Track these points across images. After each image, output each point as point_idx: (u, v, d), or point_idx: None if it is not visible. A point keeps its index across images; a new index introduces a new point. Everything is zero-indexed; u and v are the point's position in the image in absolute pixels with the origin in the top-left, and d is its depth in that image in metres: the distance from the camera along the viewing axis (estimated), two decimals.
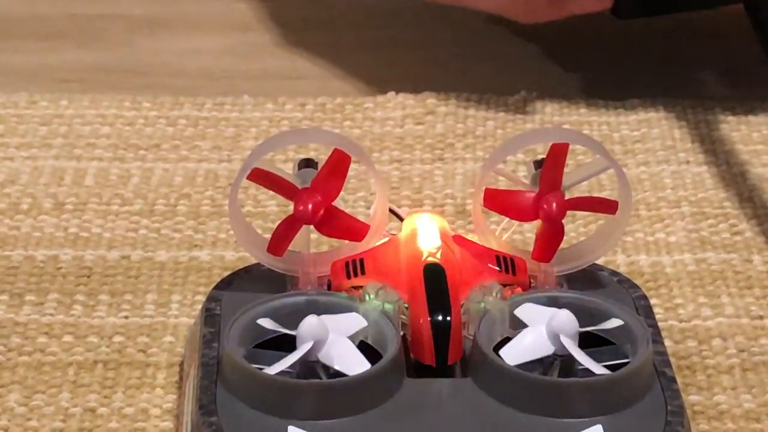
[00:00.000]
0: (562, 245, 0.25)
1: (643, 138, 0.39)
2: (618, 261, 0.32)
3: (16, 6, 0.50)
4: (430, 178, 0.37)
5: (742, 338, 0.29)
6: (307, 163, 0.27)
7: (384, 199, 0.26)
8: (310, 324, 0.22)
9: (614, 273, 0.27)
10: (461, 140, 0.39)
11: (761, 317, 0.30)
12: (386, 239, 0.26)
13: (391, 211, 0.27)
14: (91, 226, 0.34)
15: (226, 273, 0.29)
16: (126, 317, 0.29)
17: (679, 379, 0.23)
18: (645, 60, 0.46)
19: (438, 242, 0.25)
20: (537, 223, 0.25)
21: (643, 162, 0.38)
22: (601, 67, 0.45)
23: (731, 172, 0.37)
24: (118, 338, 0.29)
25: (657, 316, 0.27)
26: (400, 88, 0.42)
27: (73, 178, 0.36)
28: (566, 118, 0.40)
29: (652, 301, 0.28)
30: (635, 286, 0.27)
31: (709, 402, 0.26)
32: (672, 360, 0.24)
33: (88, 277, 0.31)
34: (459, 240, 0.26)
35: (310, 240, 0.26)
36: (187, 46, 0.48)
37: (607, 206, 0.25)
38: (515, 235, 0.27)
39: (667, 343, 0.25)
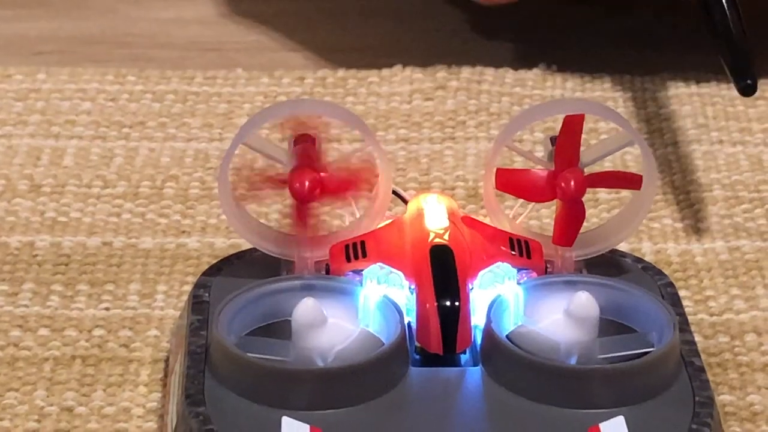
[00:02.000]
0: (582, 229, 0.26)
1: (672, 116, 0.40)
2: (644, 249, 0.32)
3: None
4: (439, 159, 0.38)
5: None
6: (304, 139, 0.27)
7: (387, 178, 0.26)
8: (306, 308, 0.23)
9: (638, 260, 0.28)
10: (474, 117, 0.40)
11: None
12: (389, 221, 0.27)
13: (395, 192, 0.28)
14: (70, 210, 0.34)
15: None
16: (107, 309, 0.30)
17: (709, 378, 0.24)
18: (675, 31, 0.46)
19: (446, 223, 0.26)
20: (554, 206, 0.26)
21: (671, 142, 0.38)
22: (626, 39, 0.46)
23: None
24: (98, 332, 0.29)
25: (686, 309, 0.27)
26: (407, 61, 0.43)
27: (50, 158, 0.37)
28: (588, 93, 0.41)
29: (681, 293, 0.28)
30: (661, 273, 0.27)
31: (742, 402, 0.26)
32: (702, 357, 0.25)
33: (66, 265, 0.32)
34: (469, 221, 0.27)
35: (307, 222, 0.26)
36: (174, 15, 0.49)
37: (630, 181, 0.26)
38: (531, 220, 0.27)
39: (696, 338, 0.26)
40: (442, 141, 0.38)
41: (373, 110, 0.40)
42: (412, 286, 0.24)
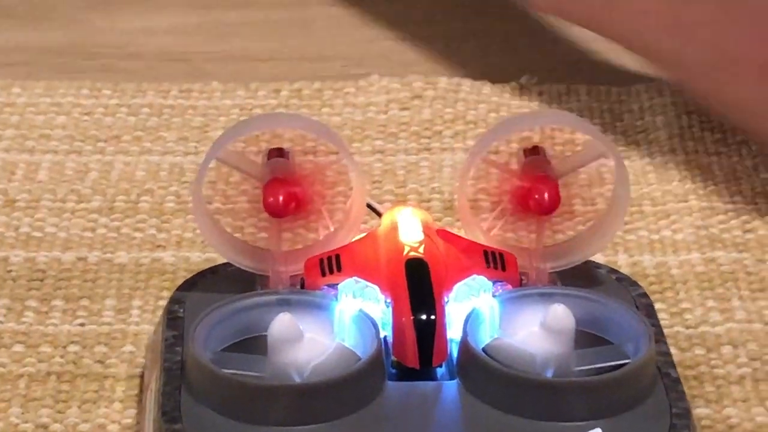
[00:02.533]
0: (556, 240, 0.26)
1: (648, 127, 0.40)
2: (620, 261, 0.33)
3: None
4: (415, 171, 0.38)
5: (755, 345, 0.29)
6: (279, 153, 0.27)
7: (361, 191, 0.27)
8: (281, 323, 0.23)
9: (613, 270, 0.28)
10: (450, 127, 0.40)
11: None
12: (364, 234, 0.27)
13: (369, 205, 0.28)
14: (45, 225, 0.35)
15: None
16: (82, 324, 0.30)
17: (685, 390, 0.24)
18: None
19: (420, 236, 0.26)
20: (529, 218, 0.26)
21: (647, 153, 0.39)
22: (603, 52, 0.46)
23: (744, 164, 0.38)
24: (73, 348, 0.29)
25: (662, 322, 0.27)
26: (383, 71, 0.43)
27: (24, 173, 0.37)
28: (565, 105, 0.42)
29: (657, 306, 0.29)
30: (636, 285, 0.28)
31: (718, 415, 0.27)
32: (678, 369, 0.25)
33: (41, 280, 0.32)
34: (444, 234, 0.27)
35: (281, 237, 0.26)
36: (142, 25, 0.49)
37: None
38: (506, 233, 0.28)
39: (672, 350, 0.26)
40: (418, 152, 0.39)
41: (349, 121, 0.41)
42: (388, 300, 0.24)
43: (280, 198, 0.25)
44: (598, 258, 0.29)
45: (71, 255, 0.33)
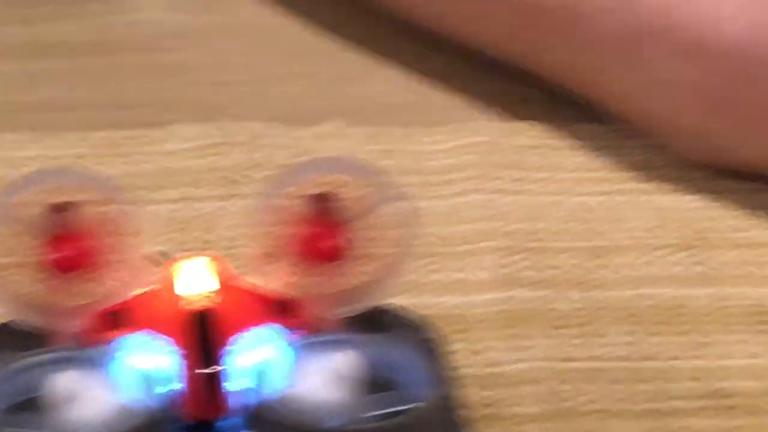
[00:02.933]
0: (346, 285, 0.27)
1: (452, 167, 0.42)
2: (421, 302, 0.34)
3: None
4: (223, 217, 0.38)
5: (553, 383, 0.31)
6: (61, 207, 0.27)
7: (138, 242, 0.27)
8: (60, 381, 0.23)
9: (406, 313, 0.29)
10: (259, 171, 0.41)
11: (572, 359, 0.32)
12: (154, 286, 0.27)
13: (163, 254, 0.28)
14: None
15: None
16: None
17: (485, 430, 0.25)
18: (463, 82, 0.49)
19: (212, 286, 0.26)
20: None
21: (449, 193, 0.40)
22: (416, 91, 0.48)
23: (547, 201, 0.40)
24: None
25: (464, 362, 0.29)
26: (191, 117, 0.44)
27: None
28: (373, 146, 0.43)
29: (457, 346, 0.30)
30: (425, 327, 0.29)
31: None
32: (479, 408, 0.26)
33: None
34: (235, 283, 0.27)
35: (68, 292, 0.26)
36: None
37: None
38: (299, 279, 0.28)
39: (472, 390, 0.27)
40: (227, 198, 0.39)
41: (157, 168, 0.41)
42: (175, 353, 0.24)
43: (63, 253, 0.25)
44: (402, 300, 0.30)
45: None
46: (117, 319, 0.26)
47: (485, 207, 0.39)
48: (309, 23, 0.51)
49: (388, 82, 0.48)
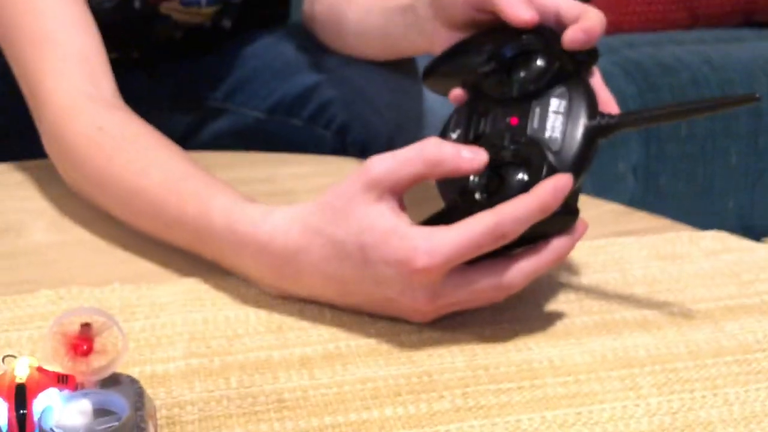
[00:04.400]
0: (95, 367, 0.46)
1: None
2: (135, 372, 0.55)
3: None
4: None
5: None
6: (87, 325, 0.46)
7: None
8: None
9: (125, 378, 0.47)
10: None
11: None
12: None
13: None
14: None
15: None
16: None
17: None
18: None
19: (26, 372, 0.44)
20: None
21: None
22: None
23: None
24: None
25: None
26: None
27: None
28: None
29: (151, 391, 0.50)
30: (137, 382, 0.46)
31: None
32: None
33: None
34: (41, 369, 0.45)
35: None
36: None
37: None
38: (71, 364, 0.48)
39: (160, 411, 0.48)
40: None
41: None
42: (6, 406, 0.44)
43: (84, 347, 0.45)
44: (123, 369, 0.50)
45: None
46: None
47: None
48: None
49: None
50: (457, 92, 0.65)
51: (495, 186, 0.56)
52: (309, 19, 1.02)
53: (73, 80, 0.72)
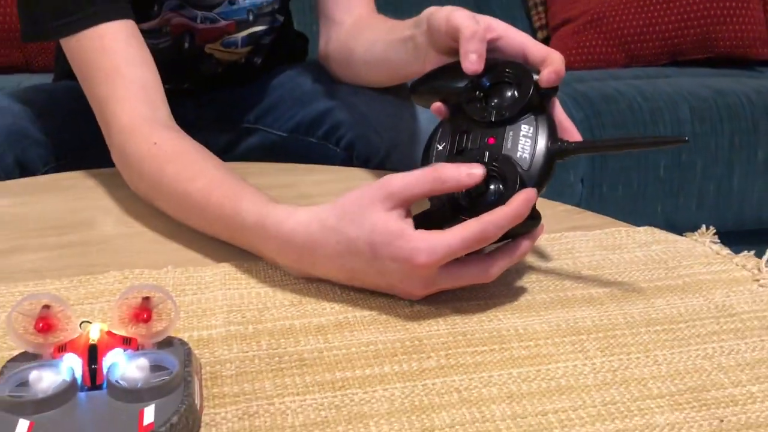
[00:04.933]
0: (153, 331, 0.47)
1: None
2: (186, 335, 0.55)
3: None
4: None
5: None
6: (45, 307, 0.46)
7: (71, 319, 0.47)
8: (35, 376, 0.43)
9: (178, 340, 0.47)
10: None
11: None
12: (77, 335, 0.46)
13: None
14: None
15: None
16: None
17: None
18: None
19: (97, 335, 0.45)
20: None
21: None
22: None
23: None
24: None
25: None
26: None
27: None
28: None
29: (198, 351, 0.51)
30: (186, 344, 0.47)
31: None
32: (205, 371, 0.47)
33: None
34: (110, 333, 0.46)
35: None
36: None
37: None
38: (134, 328, 0.48)
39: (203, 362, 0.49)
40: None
41: None
42: (80, 361, 0.44)
43: (41, 325, 0.45)
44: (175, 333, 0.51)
45: None
46: (62, 347, 0.44)
47: None
48: None
49: None
50: (437, 105, 0.65)
51: (476, 193, 0.57)
52: (323, 56, 1.03)
53: (135, 105, 0.73)
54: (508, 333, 0.56)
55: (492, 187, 0.57)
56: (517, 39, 0.64)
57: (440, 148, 0.62)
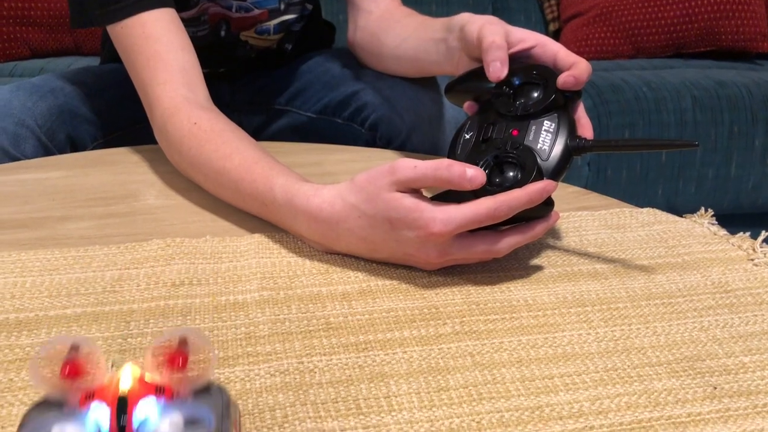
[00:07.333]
0: (189, 378, 0.36)
1: None
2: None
3: None
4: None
5: None
6: (72, 350, 0.35)
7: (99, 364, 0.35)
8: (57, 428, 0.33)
9: (221, 389, 0.38)
10: None
11: None
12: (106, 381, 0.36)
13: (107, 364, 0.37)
14: None
15: None
16: None
17: None
18: None
19: (129, 384, 0.36)
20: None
21: None
22: None
23: None
24: None
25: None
26: None
27: None
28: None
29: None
30: (224, 392, 0.37)
31: None
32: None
33: None
34: (141, 380, 0.36)
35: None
36: None
37: None
38: (168, 375, 0.37)
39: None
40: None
41: None
42: (108, 414, 0.34)
43: (69, 369, 0.35)
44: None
45: None
46: (90, 395, 0.35)
47: None
48: None
49: None
50: (468, 104, 0.67)
51: (496, 177, 0.57)
52: (351, 43, 1.03)
53: (175, 88, 0.73)
54: (518, 303, 0.56)
55: (511, 174, 0.58)
56: (550, 47, 0.65)
57: (467, 137, 0.63)
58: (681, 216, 0.73)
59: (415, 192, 0.56)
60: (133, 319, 0.52)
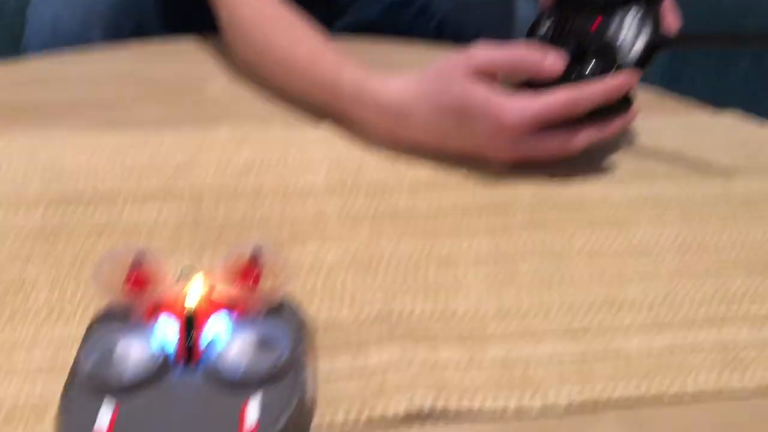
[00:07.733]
0: (261, 296, 0.35)
1: None
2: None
3: None
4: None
5: None
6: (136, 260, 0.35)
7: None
8: (122, 344, 0.33)
9: (294, 309, 0.36)
10: None
11: None
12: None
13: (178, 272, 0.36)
14: None
15: None
16: None
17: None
18: None
19: (197, 297, 0.34)
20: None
21: None
22: None
23: None
24: None
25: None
26: None
27: None
28: None
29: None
30: (298, 313, 0.36)
31: None
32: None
33: None
34: (211, 289, 0.35)
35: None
36: None
37: None
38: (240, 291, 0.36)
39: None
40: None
41: None
42: (178, 328, 0.33)
43: (134, 280, 0.35)
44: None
45: None
46: (157, 307, 0.34)
47: None
48: None
49: None
50: None
51: (575, 70, 0.55)
52: None
53: None
54: (591, 199, 0.55)
55: (590, 66, 0.55)
56: None
57: (545, 28, 0.61)
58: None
59: (491, 82, 0.54)
60: (204, 201, 0.52)
